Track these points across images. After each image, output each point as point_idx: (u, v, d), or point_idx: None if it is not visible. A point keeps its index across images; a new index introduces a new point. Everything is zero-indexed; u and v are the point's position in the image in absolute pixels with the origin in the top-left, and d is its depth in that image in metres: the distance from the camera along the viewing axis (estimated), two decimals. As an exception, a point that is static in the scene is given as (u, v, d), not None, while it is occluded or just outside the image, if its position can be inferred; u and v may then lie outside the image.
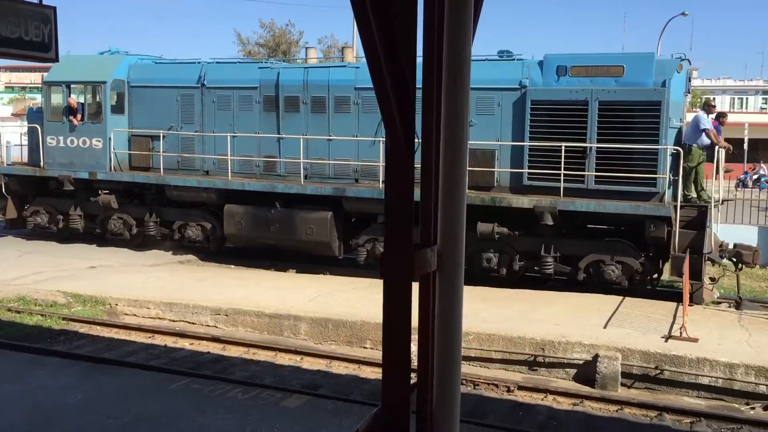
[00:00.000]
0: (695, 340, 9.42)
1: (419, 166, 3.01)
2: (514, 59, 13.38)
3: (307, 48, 18.80)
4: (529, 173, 12.70)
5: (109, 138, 15.81)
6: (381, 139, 13.46)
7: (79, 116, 16.09)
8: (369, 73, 10.62)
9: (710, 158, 12.40)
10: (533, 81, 12.91)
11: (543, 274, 12.80)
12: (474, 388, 8.89)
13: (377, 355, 9.31)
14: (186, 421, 6.62)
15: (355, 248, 14.21)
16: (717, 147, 12.42)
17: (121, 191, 16.05)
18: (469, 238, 13.16)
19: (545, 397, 8.69)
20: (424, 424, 2.55)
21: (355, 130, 14.27)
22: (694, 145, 12.39)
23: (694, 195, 12.40)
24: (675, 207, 11.78)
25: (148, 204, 16.12)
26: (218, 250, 15.69)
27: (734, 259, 12.26)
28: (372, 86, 9.92)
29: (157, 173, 15.44)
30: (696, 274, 11.65)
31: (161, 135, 15.38)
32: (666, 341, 9.45)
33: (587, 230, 13.17)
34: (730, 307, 12.19)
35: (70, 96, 16.06)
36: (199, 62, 15.86)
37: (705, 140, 12.40)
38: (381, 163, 13.37)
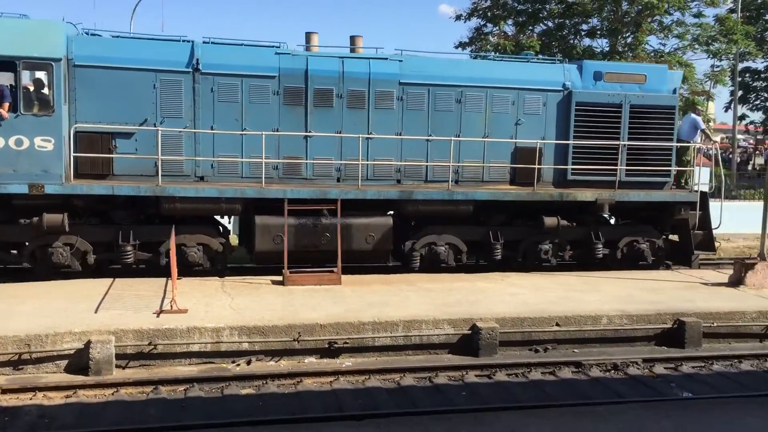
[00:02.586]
0: (185, 311, 10.22)
1: None
2: (555, 62, 15.82)
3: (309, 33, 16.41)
4: (572, 169, 15.03)
5: (65, 136, 12.60)
6: (431, 137, 14.39)
7: (6, 105, 12.22)
8: (414, 68, 12.99)
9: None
10: (574, 84, 15.14)
11: (595, 258, 15.23)
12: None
13: None
14: None
15: (409, 253, 14.42)
16: (711, 142, 17.38)
17: (77, 208, 12.98)
18: (526, 232, 14.99)
19: (34, 395, 8.33)
20: None
21: (398, 127, 14.37)
22: (690, 141, 16.36)
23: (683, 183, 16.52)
24: (696, 193, 15.77)
25: (116, 222, 13.23)
26: (222, 272, 13.81)
27: None
28: (419, 82, 12.94)
29: (118, 181, 12.99)
30: (710, 245, 15.76)
31: (158, 132, 12.92)
32: (158, 316, 10.03)
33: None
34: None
35: None
36: (186, 40, 13.61)
37: (697, 138, 16.55)
38: (427, 163, 14.50)
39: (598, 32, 31.99)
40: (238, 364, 10.06)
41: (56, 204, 12.63)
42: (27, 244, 12.86)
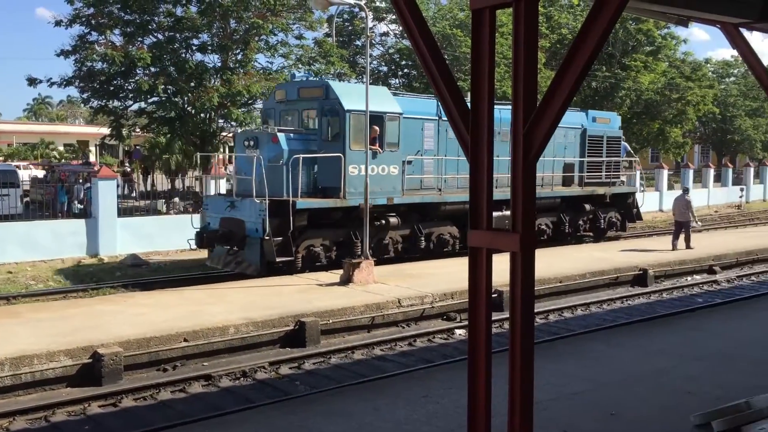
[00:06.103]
0: None
1: None
2: (578, 110, 25.78)
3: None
4: (587, 175, 24.70)
5: (404, 164, 18.88)
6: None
7: (376, 145, 17.96)
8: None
9: None
10: (585, 124, 24.69)
11: (600, 228, 25.40)
12: None
13: None
14: None
15: None
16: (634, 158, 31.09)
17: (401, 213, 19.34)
18: (577, 214, 28.12)
19: None
20: None
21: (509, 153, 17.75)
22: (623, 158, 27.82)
23: None
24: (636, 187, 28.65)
25: (411, 222, 19.46)
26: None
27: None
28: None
29: (409, 194, 19.38)
30: (640, 217, 26.97)
31: (444, 160, 19.99)
32: None
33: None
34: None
35: (374, 126, 17.75)
36: (432, 98, 20.28)
37: (624, 155, 27.55)
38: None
39: (210, 48, 32.63)
40: None
41: (396, 211, 18.70)
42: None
